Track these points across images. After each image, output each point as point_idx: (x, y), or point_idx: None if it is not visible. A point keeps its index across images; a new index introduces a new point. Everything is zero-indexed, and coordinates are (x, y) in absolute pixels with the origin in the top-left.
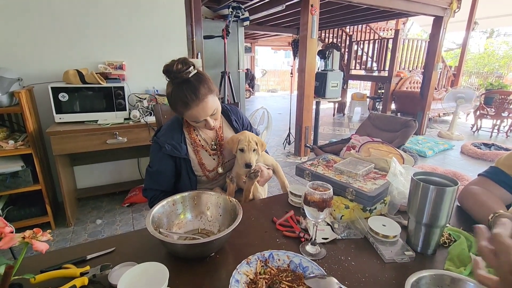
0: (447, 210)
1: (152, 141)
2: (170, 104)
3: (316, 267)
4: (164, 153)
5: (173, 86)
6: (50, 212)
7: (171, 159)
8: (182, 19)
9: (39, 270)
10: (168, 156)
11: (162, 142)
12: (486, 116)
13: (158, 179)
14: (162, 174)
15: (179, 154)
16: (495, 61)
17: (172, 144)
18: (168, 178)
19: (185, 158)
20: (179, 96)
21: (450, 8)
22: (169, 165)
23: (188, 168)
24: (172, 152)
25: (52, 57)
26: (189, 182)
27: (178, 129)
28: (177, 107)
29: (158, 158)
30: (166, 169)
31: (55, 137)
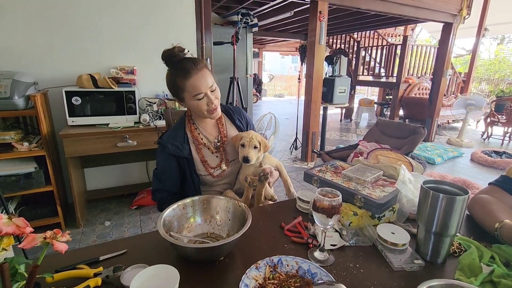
0: (457, 219)
1: (157, 143)
2: (170, 85)
3: (324, 274)
4: (168, 153)
5: (172, 65)
6: (60, 213)
7: (174, 159)
8: (192, 25)
9: (54, 270)
10: (171, 156)
11: (165, 143)
12: (497, 124)
13: (164, 179)
14: (167, 174)
15: (181, 153)
16: (506, 67)
17: (174, 144)
18: (174, 178)
19: (188, 158)
20: (179, 69)
21: (460, 14)
22: (173, 165)
23: (191, 168)
24: (174, 152)
25: (66, 62)
26: (192, 182)
27: (181, 129)
28: (177, 81)
29: (163, 159)
30: (170, 169)
31: (67, 140)
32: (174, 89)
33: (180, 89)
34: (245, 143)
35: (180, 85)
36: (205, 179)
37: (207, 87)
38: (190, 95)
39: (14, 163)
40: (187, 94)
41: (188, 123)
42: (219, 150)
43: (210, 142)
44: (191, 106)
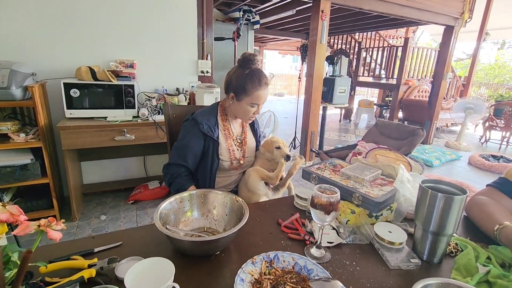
0: (454, 219)
1: (188, 119)
2: (237, 83)
3: (321, 270)
4: (200, 130)
5: (248, 69)
6: (56, 205)
7: (202, 138)
8: (193, 21)
9: (48, 260)
10: (201, 134)
11: (201, 120)
12: (495, 128)
13: (186, 153)
14: (191, 149)
15: (212, 134)
16: (506, 72)
17: (208, 124)
18: (196, 156)
19: (214, 140)
20: (254, 76)
21: (462, 18)
22: (200, 143)
23: (215, 150)
24: (207, 131)
25: (66, 54)
26: (211, 164)
27: (214, 115)
28: (246, 85)
29: (192, 134)
30: (196, 145)
31: (64, 132)
32: (239, 88)
33: (245, 92)
34: (280, 145)
35: (248, 89)
36: (223, 165)
37: (263, 102)
38: (249, 101)
39: (10, 154)
40: (247, 98)
41: (221, 113)
42: (241, 145)
43: (235, 136)
44: (239, 107)
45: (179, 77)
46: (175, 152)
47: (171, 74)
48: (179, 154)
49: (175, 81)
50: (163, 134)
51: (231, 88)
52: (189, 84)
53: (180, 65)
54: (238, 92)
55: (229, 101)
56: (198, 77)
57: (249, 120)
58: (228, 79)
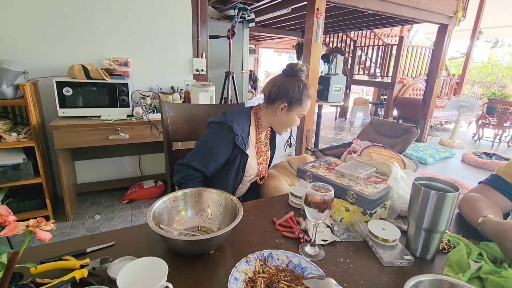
0: (447, 215)
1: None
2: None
3: (315, 268)
4: (233, 140)
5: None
6: (49, 205)
7: (231, 148)
8: (188, 19)
9: (39, 261)
10: (231, 144)
11: (237, 131)
12: (488, 126)
13: (209, 160)
14: (216, 158)
15: (244, 148)
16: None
17: (242, 137)
18: (218, 164)
19: (244, 153)
20: (307, 87)
21: (456, 16)
22: (228, 153)
23: (242, 163)
24: (241, 145)
25: (58, 52)
26: (235, 176)
27: (247, 125)
28: (302, 94)
29: (223, 143)
30: (223, 155)
31: (57, 131)
32: (295, 99)
33: (299, 101)
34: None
35: (302, 99)
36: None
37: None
38: (299, 111)
39: (1, 154)
40: (298, 108)
41: (254, 122)
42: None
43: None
44: (287, 118)
45: (174, 76)
46: (197, 154)
47: (166, 72)
48: (201, 159)
49: (170, 80)
50: (158, 133)
51: (284, 97)
52: (184, 82)
53: (175, 63)
54: (292, 103)
55: (277, 111)
56: (193, 75)
57: (285, 130)
58: (280, 88)
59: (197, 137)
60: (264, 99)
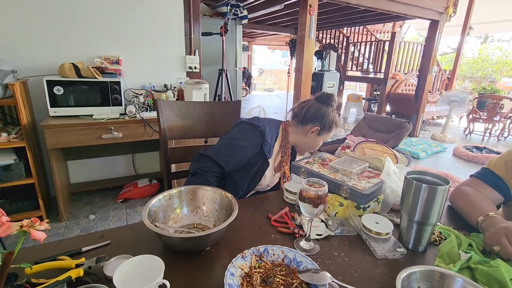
0: (438, 208)
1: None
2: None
3: (310, 262)
4: (261, 145)
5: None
6: (42, 206)
7: (257, 152)
8: (180, 15)
9: (34, 262)
10: (258, 148)
11: (267, 137)
12: (479, 120)
13: (232, 157)
14: (241, 157)
15: (268, 155)
16: (488, 66)
17: (270, 144)
18: (240, 162)
19: (265, 161)
20: (337, 117)
21: (446, 12)
22: (252, 156)
23: (261, 170)
24: (266, 151)
25: (48, 50)
26: (250, 180)
27: (276, 135)
28: (335, 121)
29: (251, 144)
30: (248, 156)
31: (49, 131)
32: (328, 125)
33: (330, 128)
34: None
35: (332, 128)
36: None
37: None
38: (326, 137)
39: None
40: (327, 134)
41: (280, 136)
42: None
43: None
44: (314, 141)
45: (166, 73)
46: (221, 148)
47: (159, 70)
48: (225, 153)
49: (163, 78)
50: (151, 131)
51: (319, 121)
52: (177, 80)
53: (168, 61)
54: (325, 128)
55: (307, 133)
56: (186, 73)
57: (305, 152)
58: (316, 112)
59: (194, 135)
60: (295, 118)
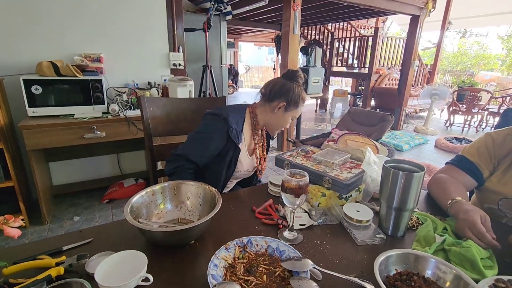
0: (414, 194)
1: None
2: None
3: (292, 251)
4: (227, 133)
5: (299, 85)
6: (23, 209)
7: (225, 141)
8: (162, 12)
9: (12, 262)
10: (225, 137)
11: (231, 123)
12: (458, 112)
13: (203, 151)
14: (210, 149)
15: (237, 142)
16: (467, 60)
17: (237, 130)
18: (211, 155)
19: (236, 148)
20: (304, 94)
21: (426, 7)
22: (221, 145)
23: (234, 157)
24: (234, 138)
25: (24, 48)
26: (227, 170)
27: (242, 120)
28: (302, 96)
29: (217, 134)
30: (217, 146)
31: (28, 131)
32: (294, 100)
33: (296, 103)
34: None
35: (299, 103)
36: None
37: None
38: (294, 114)
39: None
40: (294, 110)
41: (249, 119)
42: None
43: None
44: (282, 118)
45: (150, 71)
46: (192, 144)
47: (142, 67)
48: (195, 149)
49: (146, 75)
50: (136, 129)
51: (284, 96)
52: (161, 77)
53: (151, 58)
54: (291, 103)
55: (274, 110)
56: (170, 70)
57: (277, 131)
58: (280, 88)
59: (179, 132)
60: (262, 97)
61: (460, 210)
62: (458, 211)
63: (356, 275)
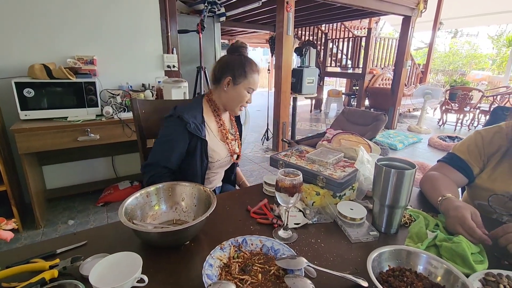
0: (406, 191)
1: (172, 116)
2: (235, 67)
3: (287, 249)
4: (187, 129)
5: (242, 55)
6: (16, 214)
7: (188, 137)
8: (156, 13)
9: (5, 266)
10: (187, 133)
11: (187, 118)
12: (451, 111)
13: (170, 154)
14: (176, 150)
15: (199, 134)
16: (459, 59)
17: (195, 123)
18: (181, 155)
19: (202, 140)
20: (251, 60)
21: (418, 8)
22: (185, 143)
23: (203, 150)
24: (194, 131)
25: (16, 50)
26: (200, 164)
27: (199, 111)
28: (246, 67)
29: (177, 133)
30: (181, 145)
31: (20, 135)
32: (238, 71)
33: (243, 75)
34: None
35: (247, 72)
36: (213, 165)
37: (256, 88)
38: (246, 85)
39: None
40: (245, 81)
41: (208, 108)
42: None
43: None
44: (235, 93)
45: (144, 73)
46: (158, 151)
47: (136, 69)
48: (162, 154)
49: (141, 77)
50: (130, 132)
51: (228, 71)
52: (155, 79)
53: (145, 60)
54: (236, 75)
55: (224, 87)
56: (164, 72)
57: (240, 110)
58: (222, 64)
59: None
60: (213, 81)
61: (450, 207)
62: (448, 208)
63: (350, 272)
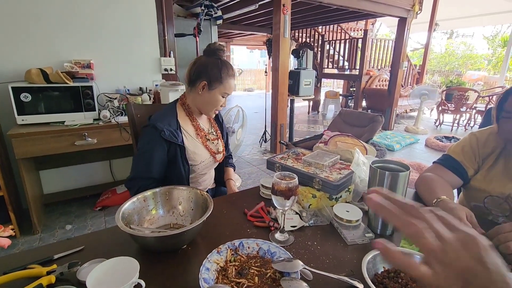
0: (401, 193)
1: (147, 126)
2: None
3: (283, 252)
4: (161, 137)
5: (220, 59)
6: (13, 219)
7: (165, 145)
8: (153, 17)
9: (2, 272)
10: (163, 142)
11: (161, 127)
12: (447, 111)
13: (150, 165)
14: (155, 160)
15: (176, 140)
16: (455, 60)
17: (170, 130)
18: (162, 164)
19: (180, 145)
20: (228, 64)
21: (413, 9)
22: (164, 151)
23: (182, 156)
24: (170, 137)
25: (13, 55)
26: (183, 170)
27: (173, 117)
28: (222, 72)
29: (154, 143)
30: (160, 155)
31: (17, 140)
32: (214, 76)
33: (219, 80)
34: None
35: (222, 77)
36: (196, 168)
37: (232, 92)
38: (222, 90)
39: None
40: (220, 86)
41: (182, 112)
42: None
43: (207, 131)
44: (210, 98)
45: (141, 76)
46: (138, 164)
47: (133, 73)
48: (143, 167)
49: (138, 81)
50: (127, 136)
51: (203, 75)
52: (152, 83)
53: (142, 63)
54: (212, 80)
55: (198, 91)
56: (162, 75)
57: (214, 113)
58: (198, 67)
59: None
60: (187, 83)
61: (445, 209)
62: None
63: (346, 274)
